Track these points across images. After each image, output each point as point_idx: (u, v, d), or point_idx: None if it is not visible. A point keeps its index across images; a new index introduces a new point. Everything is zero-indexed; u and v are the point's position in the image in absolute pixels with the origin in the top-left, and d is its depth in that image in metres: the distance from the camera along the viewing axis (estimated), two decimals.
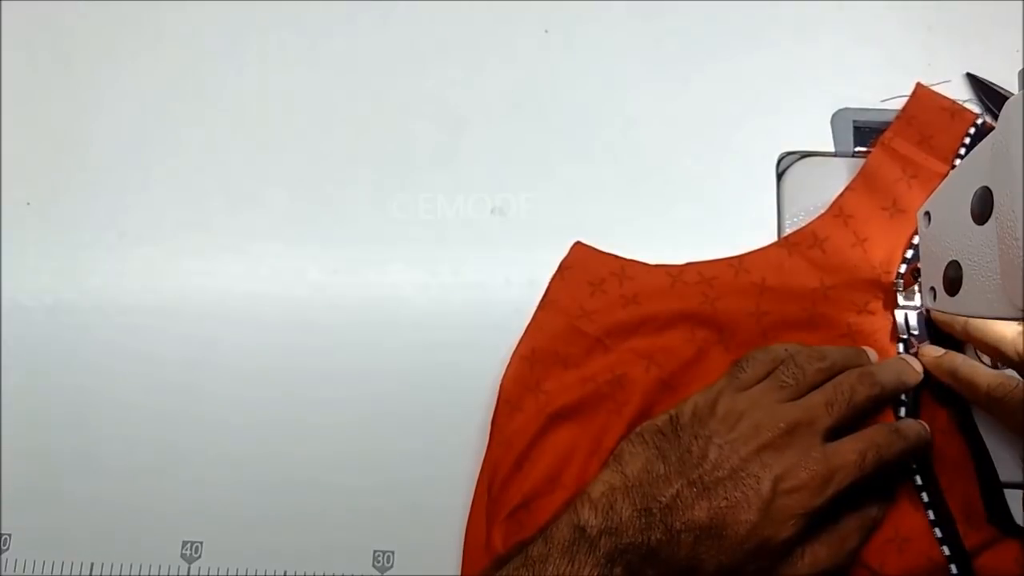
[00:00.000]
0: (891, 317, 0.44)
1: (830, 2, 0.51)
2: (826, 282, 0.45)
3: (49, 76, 0.53)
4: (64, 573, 0.44)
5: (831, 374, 0.40)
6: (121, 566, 0.44)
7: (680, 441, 0.38)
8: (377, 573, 0.43)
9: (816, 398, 0.39)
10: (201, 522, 0.45)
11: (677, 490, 0.36)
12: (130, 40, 0.53)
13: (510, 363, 0.45)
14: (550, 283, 0.46)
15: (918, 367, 0.42)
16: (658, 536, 0.36)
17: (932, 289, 0.39)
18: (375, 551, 0.44)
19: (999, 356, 0.40)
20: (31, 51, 0.53)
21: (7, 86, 0.53)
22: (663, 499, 0.36)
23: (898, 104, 0.48)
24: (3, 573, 0.44)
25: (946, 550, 0.40)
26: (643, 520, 0.36)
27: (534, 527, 0.41)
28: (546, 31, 0.52)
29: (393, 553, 0.44)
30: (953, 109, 0.47)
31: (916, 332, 0.44)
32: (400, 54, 0.52)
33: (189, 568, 0.44)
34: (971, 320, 0.41)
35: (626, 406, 0.43)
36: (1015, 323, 0.39)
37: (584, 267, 0.46)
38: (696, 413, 0.39)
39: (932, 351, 0.42)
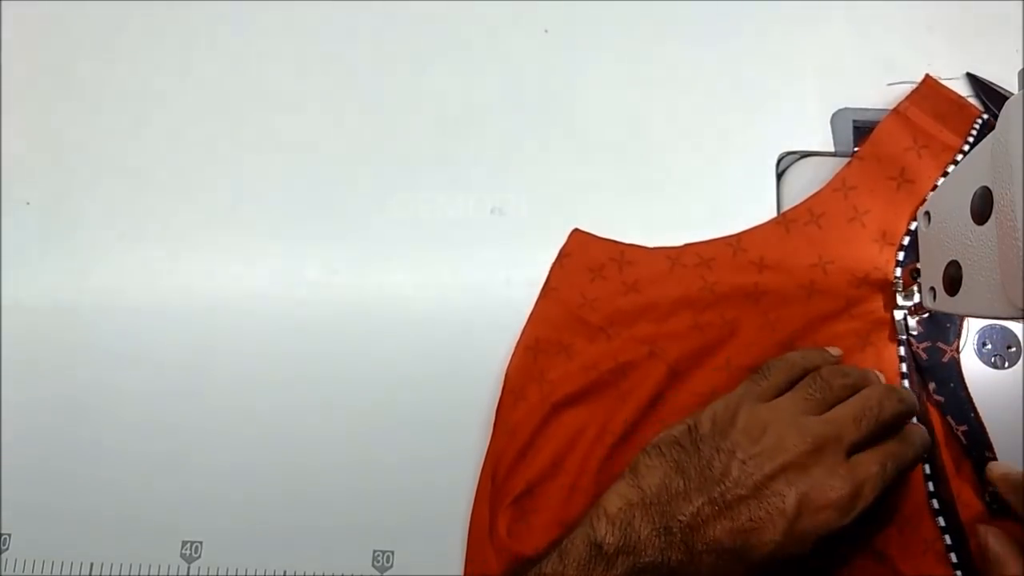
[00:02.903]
0: (890, 317, 0.44)
1: (830, 2, 0.51)
2: (824, 258, 0.45)
3: (49, 76, 0.53)
4: (64, 573, 0.44)
5: (855, 390, 0.40)
6: (121, 566, 0.44)
7: (700, 454, 0.37)
8: (377, 573, 0.43)
9: (843, 412, 0.38)
10: (201, 522, 0.45)
11: (698, 508, 0.35)
12: (130, 40, 0.53)
13: (514, 353, 0.45)
14: (550, 271, 0.47)
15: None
16: (678, 557, 0.34)
17: (932, 289, 0.39)
18: (375, 551, 0.44)
19: None
20: (31, 51, 0.53)
21: (7, 86, 0.53)
22: (683, 517, 0.35)
23: (904, 89, 0.48)
24: (3, 573, 0.44)
25: (941, 520, 0.40)
26: (663, 539, 0.35)
27: (536, 512, 0.41)
28: (546, 31, 0.52)
29: (393, 553, 0.44)
30: (960, 103, 0.47)
31: (915, 333, 0.44)
32: (400, 54, 0.52)
33: (189, 568, 0.44)
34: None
35: (630, 393, 0.43)
36: None
37: (583, 254, 0.47)
38: (716, 423, 0.38)
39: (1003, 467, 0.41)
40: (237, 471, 0.45)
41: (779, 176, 0.48)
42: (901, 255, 0.45)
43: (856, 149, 0.48)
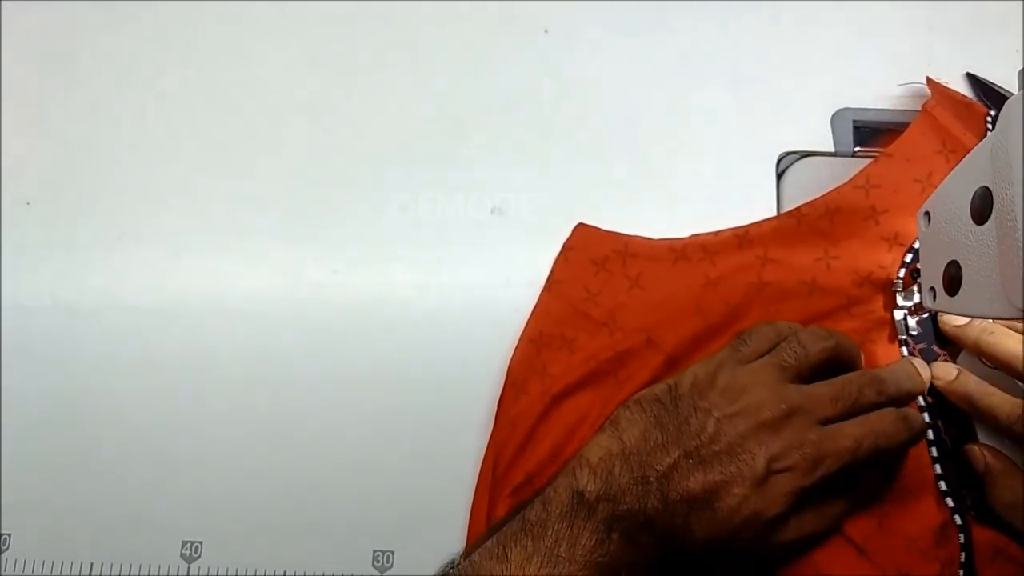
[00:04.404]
0: (890, 317, 0.44)
1: (830, 2, 0.51)
2: (830, 252, 0.45)
3: (49, 76, 0.53)
4: (64, 573, 0.44)
5: (834, 354, 0.40)
6: (121, 566, 0.44)
7: (679, 411, 0.38)
8: (377, 573, 0.43)
9: (822, 390, 0.39)
10: (201, 522, 0.45)
11: (674, 460, 0.37)
12: (130, 40, 0.53)
13: (518, 346, 0.45)
14: (554, 264, 0.47)
15: (926, 374, 0.42)
16: (654, 504, 0.36)
17: (932, 289, 0.39)
18: (375, 551, 0.44)
19: (1011, 372, 0.40)
20: (31, 51, 0.53)
21: (7, 86, 0.53)
22: (660, 468, 0.37)
23: (913, 90, 0.48)
24: (3, 573, 0.44)
25: (957, 519, 0.40)
26: (640, 488, 0.36)
27: None
28: (546, 31, 0.52)
29: (393, 553, 0.44)
30: (966, 102, 0.47)
31: (915, 333, 0.44)
32: (400, 54, 0.52)
33: (189, 568, 0.44)
34: (982, 336, 0.41)
35: (628, 381, 0.43)
36: None
37: (586, 247, 0.47)
38: (696, 384, 0.39)
39: (945, 373, 0.42)
40: (237, 471, 0.45)
41: (779, 176, 0.48)
42: (908, 257, 0.44)
43: (856, 149, 0.48)
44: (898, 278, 0.44)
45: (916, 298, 0.43)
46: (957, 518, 0.40)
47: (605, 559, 0.36)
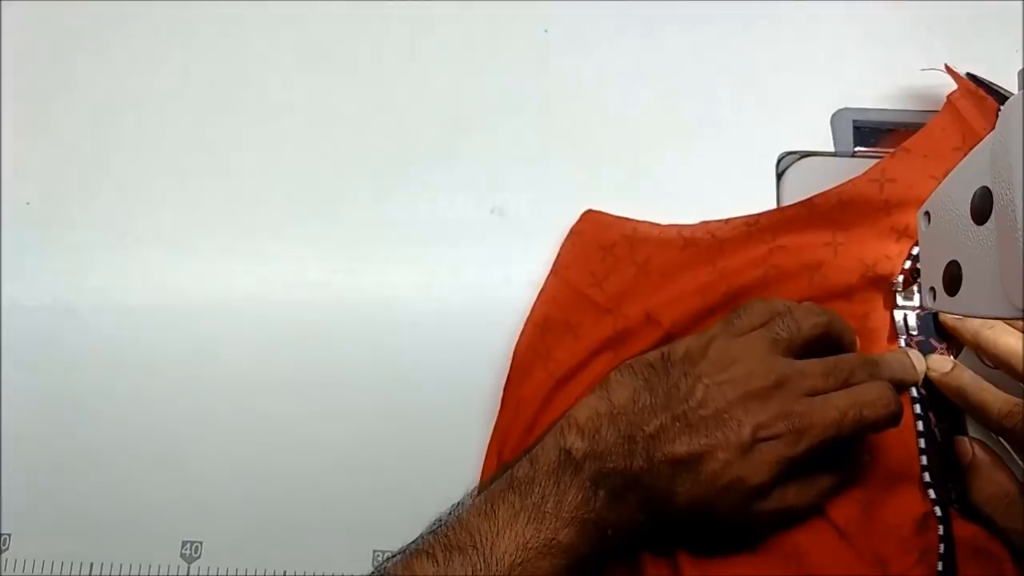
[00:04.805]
0: (890, 317, 0.44)
1: (830, 2, 0.51)
2: (838, 238, 0.44)
3: (50, 76, 0.53)
4: (64, 573, 0.44)
5: (826, 331, 0.41)
6: (121, 566, 0.44)
7: (669, 376, 0.39)
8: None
9: (814, 366, 0.39)
10: (201, 522, 0.45)
11: (662, 422, 0.37)
12: (130, 40, 0.53)
13: (523, 330, 0.45)
14: (561, 248, 0.47)
15: (920, 366, 0.42)
16: (640, 464, 0.36)
17: (932, 289, 0.39)
18: (374, 551, 0.44)
19: (1009, 368, 0.40)
20: (32, 51, 0.53)
21: (8, 86, 0.53)
22: (647, 429, 0.37)
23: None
24: (3, 573, 0.44)
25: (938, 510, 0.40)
26: (627, 447, 0.37)
27: None
28: (546, 31, 0.52)
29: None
30: (979, 94, 0.46)
31: (915, 332, 0.44)
32: (400, 54, 0.52)
33: (189, 568, 0.44)
34: (981, 332, 0.41)
35: (625, 354, 0.43)
36: None
37: (594, 232, 0.47)
38: (688, 353, 0.40)
39: (940, 365, 0.42)
40: (237, 471, 0.45)
41: (779, 176, 0.48)
42: (916, 250, 0.44)
43: (856, 149, 0.48)
44: (900, 274, 0.44)
45: (916, 298, 0.43)
46: (937, 509, 0.40)
47: (591, 516, 0.36)
